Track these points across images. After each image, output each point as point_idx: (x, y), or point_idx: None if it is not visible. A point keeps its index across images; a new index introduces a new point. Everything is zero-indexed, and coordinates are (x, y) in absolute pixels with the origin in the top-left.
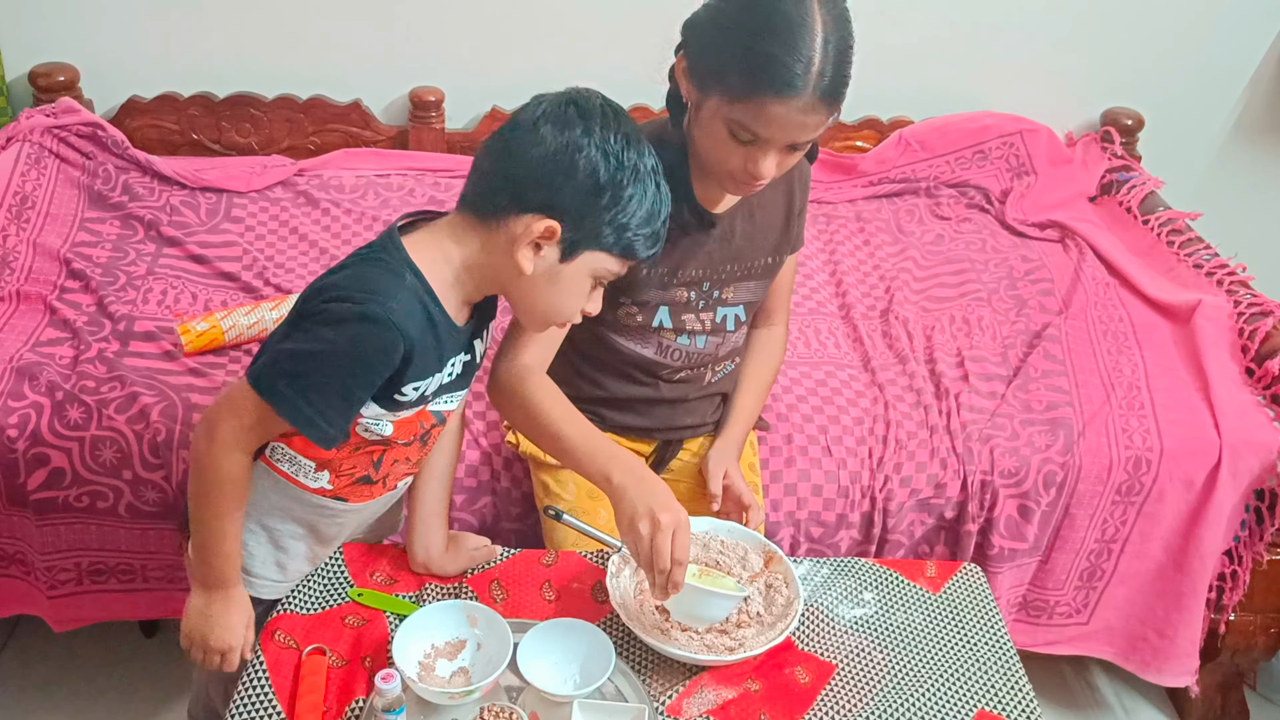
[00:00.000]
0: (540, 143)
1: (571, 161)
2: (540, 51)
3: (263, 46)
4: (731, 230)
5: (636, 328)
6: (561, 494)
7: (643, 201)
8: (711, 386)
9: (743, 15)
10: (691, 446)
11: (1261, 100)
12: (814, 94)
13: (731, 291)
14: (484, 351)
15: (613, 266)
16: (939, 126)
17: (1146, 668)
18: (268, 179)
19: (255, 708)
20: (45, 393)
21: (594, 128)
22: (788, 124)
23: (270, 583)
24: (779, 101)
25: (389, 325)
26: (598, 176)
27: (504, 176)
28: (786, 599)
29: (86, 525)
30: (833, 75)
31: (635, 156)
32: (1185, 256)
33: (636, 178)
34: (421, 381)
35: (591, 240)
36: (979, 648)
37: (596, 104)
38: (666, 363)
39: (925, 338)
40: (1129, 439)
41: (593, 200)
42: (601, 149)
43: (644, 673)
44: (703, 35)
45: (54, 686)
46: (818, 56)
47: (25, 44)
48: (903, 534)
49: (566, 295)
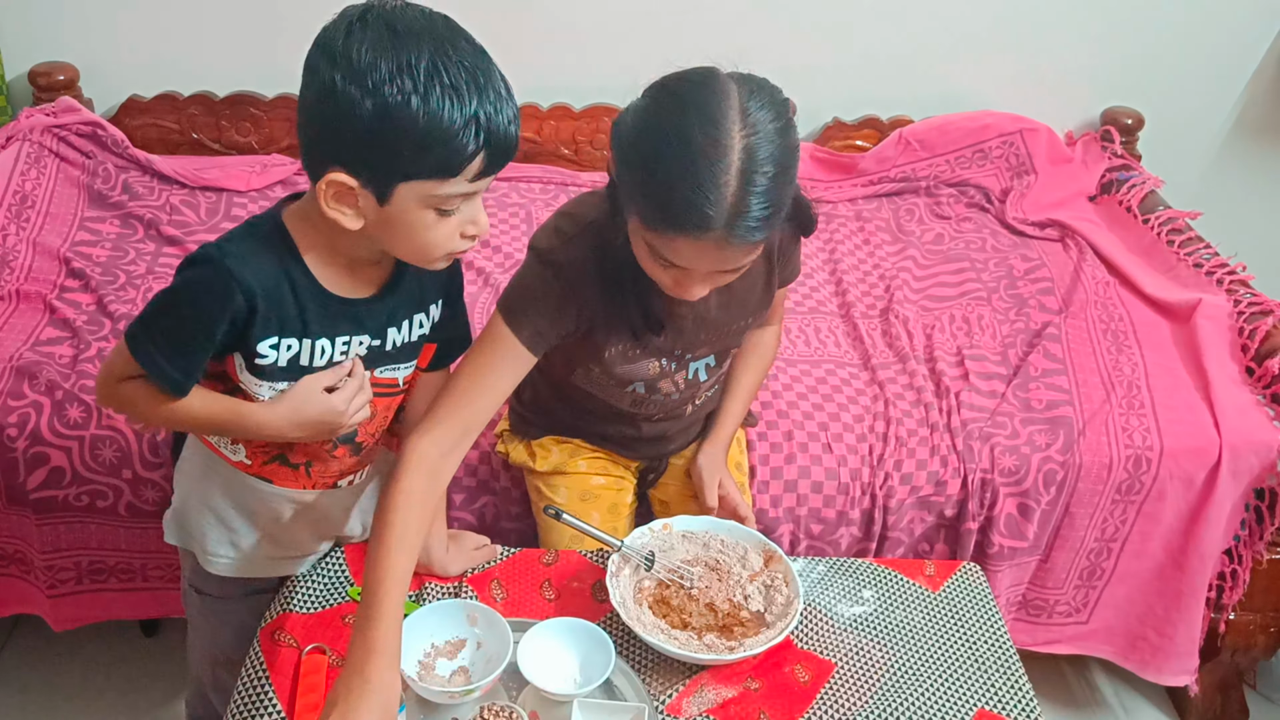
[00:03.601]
0: (309, 91)
1: (336, 102)
2: (539, 49)
3: (263, 46)
4: (706, 308)
5: (610, 387)
6: (554, 498)
7: (435, 113)
8: (694, 417)
9: (654, 140)
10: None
11: (1261, 100)
12: (726, 231)
13: (705, 349)
14: (406, 344)
15: (439, 190)
16: (939, 126)
17: (1146, 667)
18: (268, 178)
19: (255, 707)
20: (45, 392)
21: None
22: (704, 259)
23: (227, 560)
24: (688, 239)
25: (220, 268)
26: (355, 111)
27: (301, 135)
28: (786, 598)
29: (86, 524)
30: (756, 210)
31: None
32: (1185, 256)
33: (407, 90)
34: (278, 340)
35: (393, 175)
36: (978, 647)
37: (347, 18)
38: (642, 413)
39: (925, 337)
40: (1129, 438)
41: (368, 138)
42: (352, 75)
43: (644, 672)
44: (622, 148)
45: (54, 686)
46: (729, 193)
47: (25, 43)
48: (902, 531)
49: (416, 234)
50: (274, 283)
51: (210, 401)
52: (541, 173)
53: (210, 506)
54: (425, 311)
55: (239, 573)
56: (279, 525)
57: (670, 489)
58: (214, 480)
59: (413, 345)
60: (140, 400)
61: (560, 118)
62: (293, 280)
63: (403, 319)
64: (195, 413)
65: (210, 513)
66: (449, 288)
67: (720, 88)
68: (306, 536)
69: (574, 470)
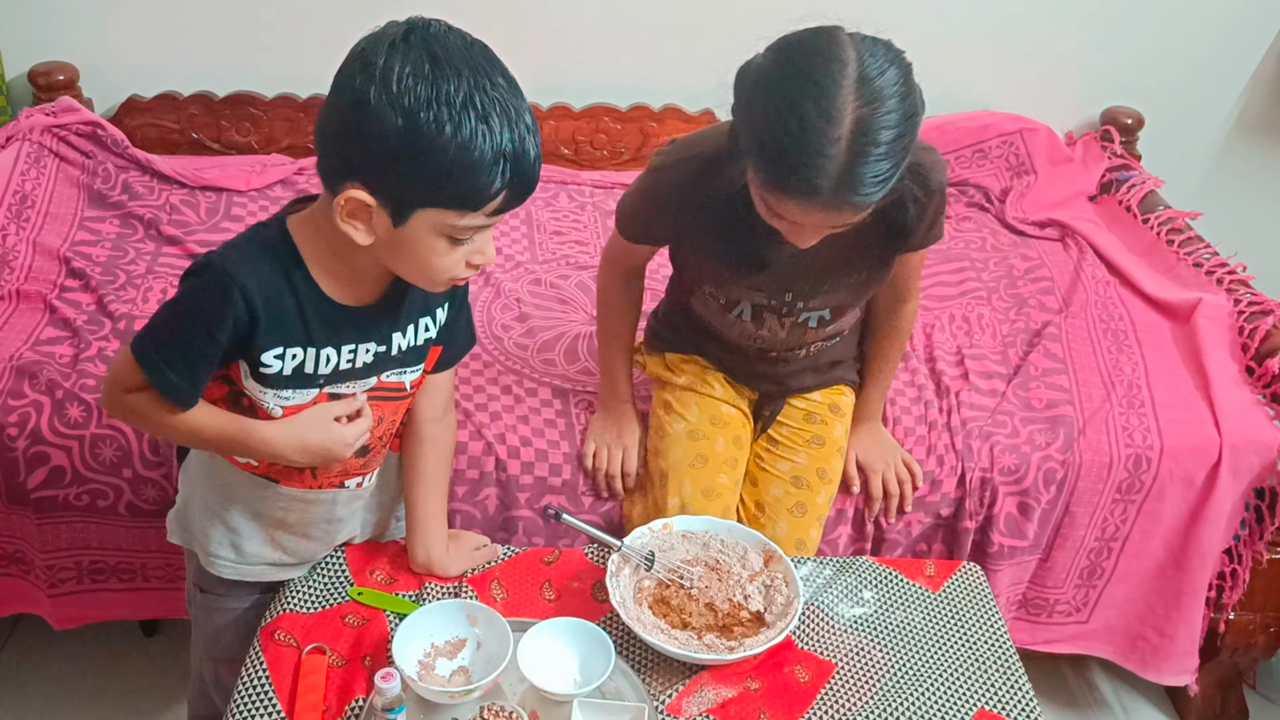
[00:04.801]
0: (338, 102)
1: (365, 120)
2: (539, 49)
3: (262, 45)
4: (813, 257)
5: (718, 310)
6: (685, 415)
7: (462, 145)
8: (810, 360)
9: (768, 104)
10: (796, 405)
11: (1261, 100)
12: (833, 198)
13: (817, 301)
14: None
15: (456, 221)
16: (939, 126)
17: (1146, 666)
18: (268, 178)
19: (255, 707)
20: (45, 391)
21: (379, 70)
22: (812, 218)
23: (228, 562)
24: (796, 201)
25: (222, 273)
26: (391, 132)
27: (321, 145)
28: (786, 598)
29: (86, 524)
30: (867, 179)
31: (444, 92)
32: (1185, 255)
33: (446, 118)
34: (282, 350)
35: (414, 200)
36: (978, 646)
37: (389, 37)
38: (751, 345)
39: (925, 336)
40: (1129, 437)
41: (393, 159)
42: (388, 95)
43: (644, 672)
44: (740, 103)
45: (54, 686)
46: (838, 164)
47: (25, 43)
48: (899, 533)
49: (423, 258)
50: (276, 291)
51: (216, 416)
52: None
53: (213, 508)
54: (431, 315)
55: (240, 576)
56: (283, 528)
57: (785, 430)
58: (218, 481)
59: (418, 349)
60: (146, 412)
61: (560, 117)
62: (295, 289)
63: (408, 324)
64: (200, 427)
65: (213, 514)
66: (454, 291)
67: (838, 54)
68: (309, 541)
69: (707, 392)
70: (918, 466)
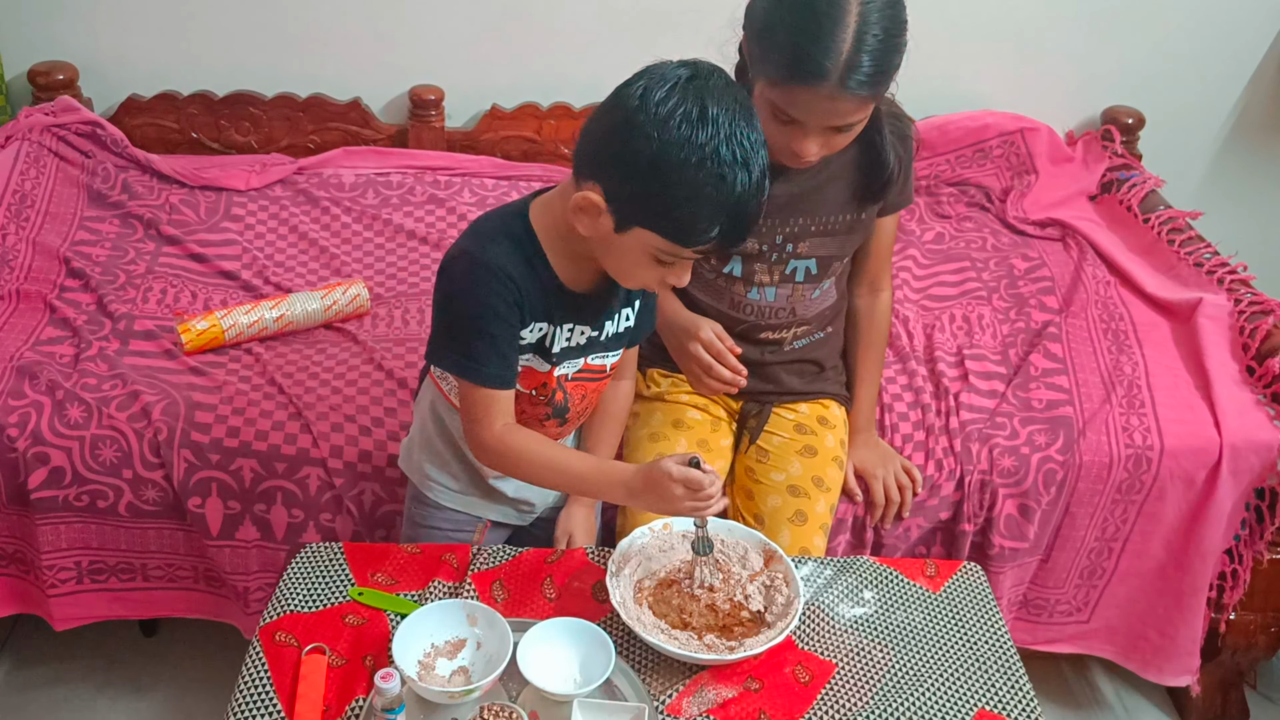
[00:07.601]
0: (609, 112)
1: (625, 136)
2: (540, 50)
3: (262, 45)
4: (800, 184)
5: (709, 278)
6: (648, 421)
7: (696, 189)
8: (795, 353)
9: (781, 5)
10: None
11: (1261, 100)
12: (839, 84)
13: (805, 246)
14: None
15: (666, 248)
16: (939, 125)
17: (1147, 666)
18: (267, 177)
19: (255, 706)
20: (45, 391)
21: (655, 100)
22: (819, 110)
23: (445, 490)
24: (806, 90)
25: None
26: (642, 155)
27: (581, 141)
28: (786, 598)
29: (87, 524)
30: (867, 65)
31: (699, 138)
32: (1186, 255)
33: (693, 162)
34: (532, 324)
35: (637, 217)
36: (979, 646)
37: (675, 77)
38: (740, 317)
39: (925, 336)
40: (1129, 437)
41: (635, 179)
42: (658, 126)
43: (644, 672)
44: (752, 19)
45: (54, 686)
46: (847, 47)
47: (25, 43)
48: (898, 538)
49: (626, 265)
50: (523, 271)
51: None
52: (542, 172)
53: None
54: (632, 306)
55: (448, 503)
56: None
57: (776, 440)
58: (435, 419)
59: (619, 335)
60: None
61: (560, 117)
62: (537, 272)
63: (615, 312)
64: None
65: (431, 450)
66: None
67: None
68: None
69: (673, 400)
70: (918, 472)
